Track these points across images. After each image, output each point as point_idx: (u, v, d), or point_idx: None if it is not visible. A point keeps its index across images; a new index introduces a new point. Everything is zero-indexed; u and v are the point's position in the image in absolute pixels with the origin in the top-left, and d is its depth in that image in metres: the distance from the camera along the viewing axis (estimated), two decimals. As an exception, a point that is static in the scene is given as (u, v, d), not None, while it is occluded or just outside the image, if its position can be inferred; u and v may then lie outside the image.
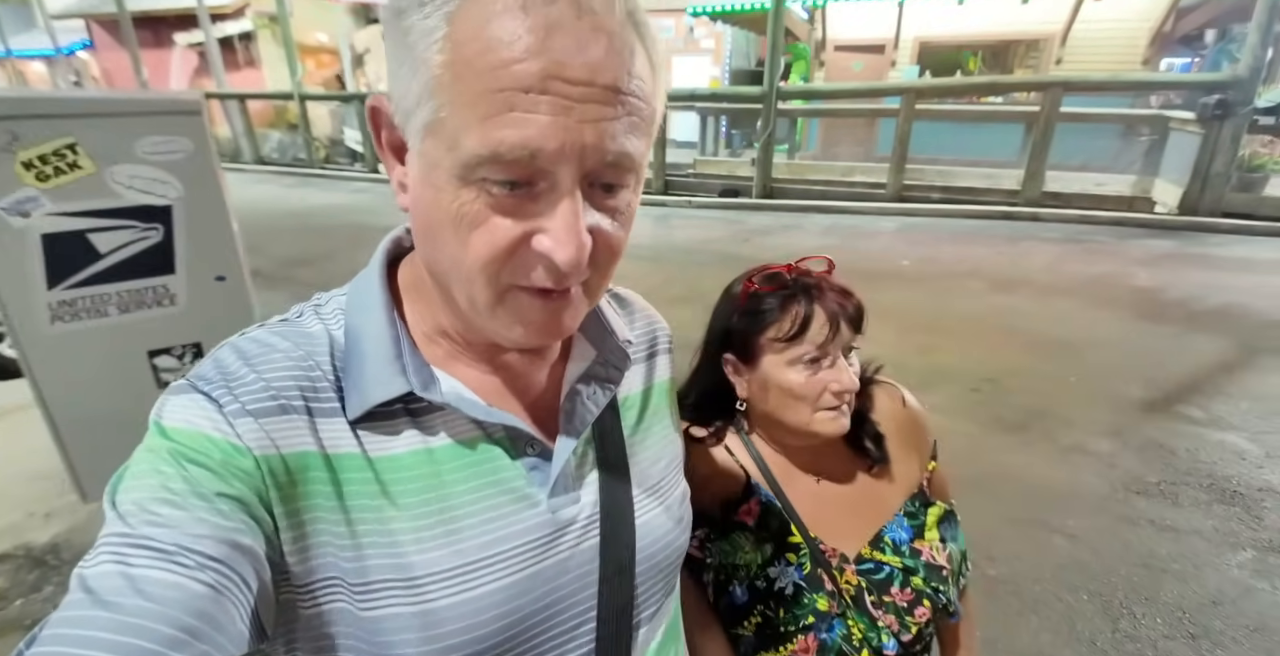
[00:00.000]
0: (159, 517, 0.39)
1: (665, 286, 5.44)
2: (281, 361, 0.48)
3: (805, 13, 12.45)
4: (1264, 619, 2.07)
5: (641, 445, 0.63)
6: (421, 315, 0.54)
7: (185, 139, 1.66)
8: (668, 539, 0.61)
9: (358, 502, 0.47)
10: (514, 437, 0.53)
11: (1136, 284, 5.46)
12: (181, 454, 0.42)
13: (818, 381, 0.80)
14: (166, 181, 1.67)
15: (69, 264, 1.66)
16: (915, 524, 0.88)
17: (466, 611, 0.47)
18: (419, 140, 0.43)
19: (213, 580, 0.38)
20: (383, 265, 0.55)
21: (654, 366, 0.69)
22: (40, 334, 1.69)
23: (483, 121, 0.39)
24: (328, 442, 0.47)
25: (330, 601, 0.46)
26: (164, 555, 0.38)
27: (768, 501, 0.86)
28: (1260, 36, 6.87)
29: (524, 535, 0.51)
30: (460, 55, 0.39)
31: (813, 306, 0.80)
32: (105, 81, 19.71)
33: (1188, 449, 3.02)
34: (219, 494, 0.41)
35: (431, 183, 0.43)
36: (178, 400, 0.45)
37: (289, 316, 0.54)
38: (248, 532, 0.41)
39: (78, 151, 1.57)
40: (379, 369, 0.49)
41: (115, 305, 1.76)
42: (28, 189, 1.56)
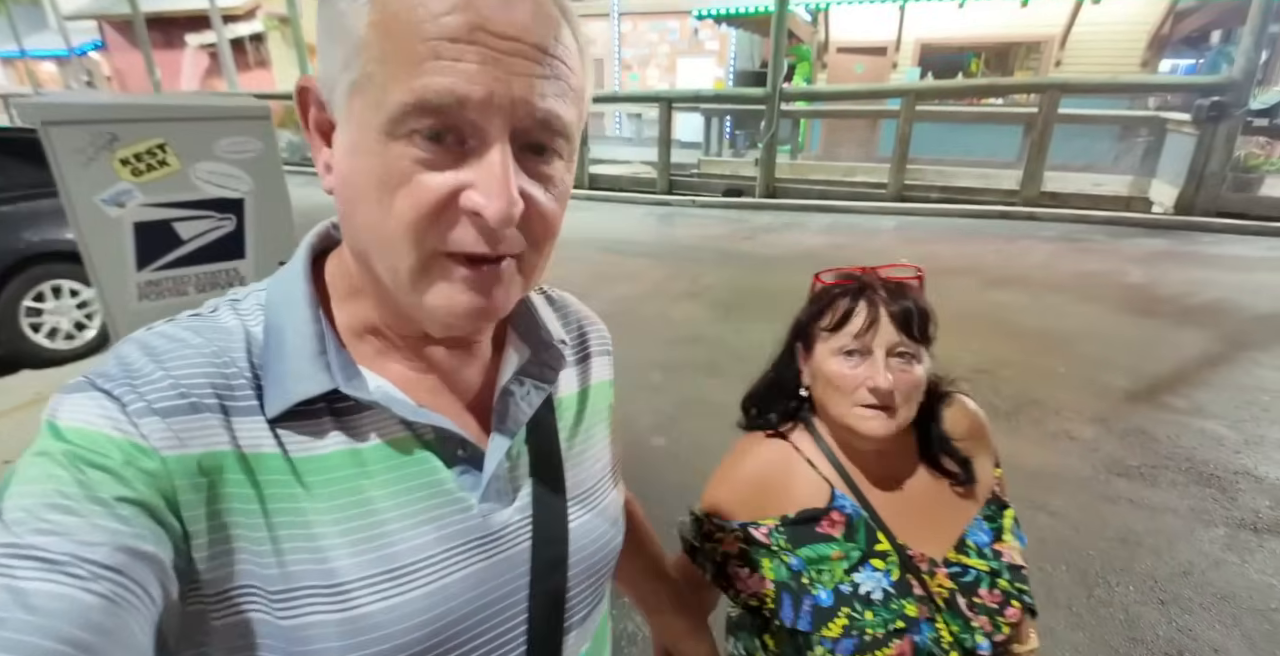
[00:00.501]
0: (50, 525, 0.36)
1: (669, 282, 5.60)
2: (193, 357, 0.44)
3: (808, 15, 12.59)
4: (1231, 588, 2.21)
5: (578, 447, 0.61)
6: (349, 311, 0.51)
7: (256, 140, 1.88)
8: (601, 542, 0.59)
9: (278, 506, 0.44)
10: (444, 439, 0.51)
11: (1129, 281, 5.61)
12: (78, 456, 0.39)
13: (855, 375, 0.81)
14: (240, 177, 1.89)
15: (156, 248, 1.87)
16: (994, 527, 0.90)
17: (394, 617, 0.45)
18: (345, 104, 0.42)
19: (108, 591, 0.35)
20: (307, 260, 0.52)
21: (589, 368, 0.67)
22: (129, 310, 1.90)
23: (409, 71, 0.38)
24: (244, 442, 0.44)
25: (246, 610, 0.43)
26: (53, 565, 0.35)
27: (854, 512, 0.86)
28: (1254, 40, 7.01)
29: (453, 539, 0.49)
30: (387, 13, 0.39)
31: (859, 301, 0.83)
32: (117, 82, 19.93)
33: (1169, 435, 3.16)
34: (119, 498, 0.38)
35: (359, 146, 0.41)
36: (75, 399, 0.41)
37: (201, 311, 0.50)
38: (151, 539, 0.38)
39: (167, 150, 1.78)
40: (301, 365, 0.46)
41: (193, 285, 1.97)
42: (124, 183, 1.77)
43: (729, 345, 4.26)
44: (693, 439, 3.14)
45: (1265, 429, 3.20)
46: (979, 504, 0.90)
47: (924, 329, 0.83)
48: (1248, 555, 2.35)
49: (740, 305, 5.04)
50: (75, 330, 4.17)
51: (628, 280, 5.65)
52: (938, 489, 0.90)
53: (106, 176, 1.73)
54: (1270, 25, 7.19)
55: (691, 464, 2.91)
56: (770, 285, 5.57)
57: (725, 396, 3.92)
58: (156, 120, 1.76)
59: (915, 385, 0.82)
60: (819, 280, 0.91)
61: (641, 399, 3.49)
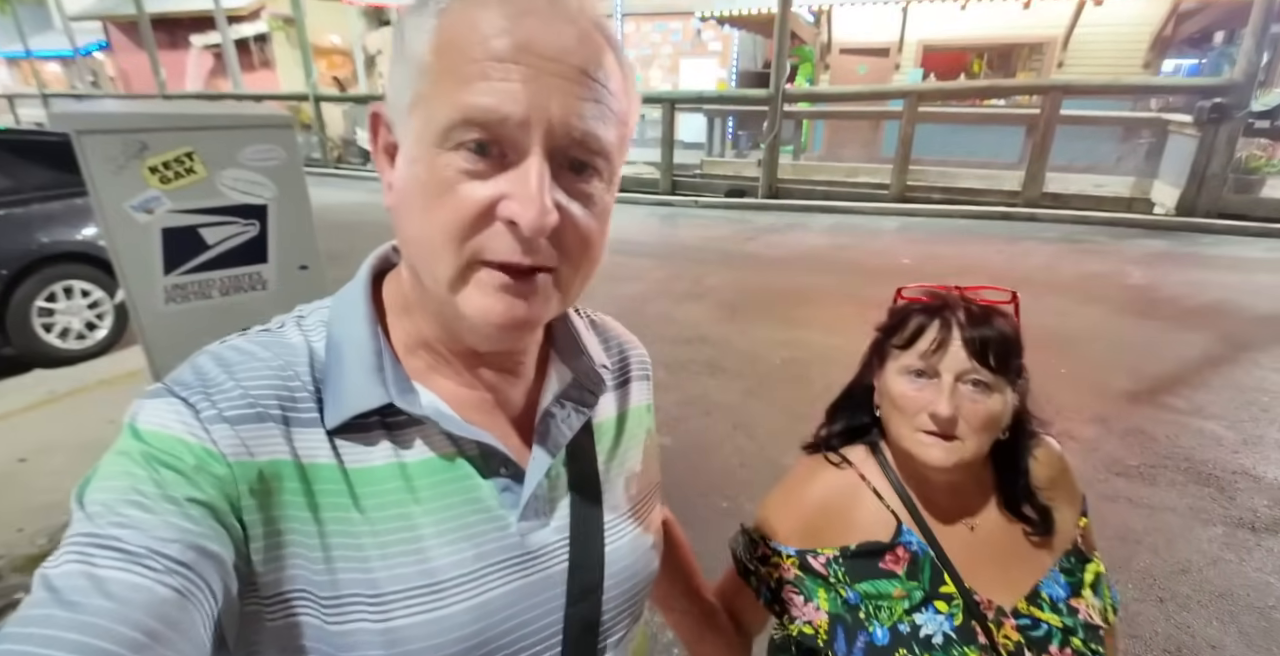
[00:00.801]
0: (127, 519, 0.39)
1: (672, 282, 5.64)
2: (261, 370, 0.47)
3: (811, 16, 12.62)
4: (1229, 586, 2.24)
5: (616, 470, 0.62)
6: (403, 327, 0.53)
7: (279, 148, 1.95)
8: (638, 566, 0.60)
9: (330, 515, 0.46)
10: (487, 456, 0.53)
11: (1130, 282, 5.64)
12: (154, 457, 0.42)
13: (918, 397, 0.78)
14: (264, 184, 1.96)
15: (183, 253, 1.93)
16: (1072, 581, 0.83)
17: (431, 631, 0.47)
18: (407, 123, 0.45)
19: (179, 585, 0.38)
20: (368, 279, 0.55)
21: (628, 392, 0.68)
22: (156, 312, 1.96)
23: (459, 88, 0.41)
24: (303, 453, 0.46)
25: (298, 614, 0.45)
26: (131, 557, 0.37)
27: (920, 550, 0.82)
28: (1255, 42, 7.03)
29: (492, 556, 0.51)
30: (445, 38, 0.42)
31: (933, 320, 0.79)
32: (122, 82, 20.00)
33: (1168, 435, 3.20)
34: (189, 499, 0.41)
35: (414, 158, 0.44)
36: (154, 404, 0.45)
37: (270, 327, 0.53)
38: (215, 539, 0.41)
39: (194, 159, 1.85)
40: (360, 379, 0.48)
41: (218, 289, 2.04)
42: (152, 190, 1.83)
43: (732, 345, 4.29)
44: (697, 438, 3.18)
45: (1264, 429, 3.24)
46: (1057, 554, 0.84)
47: (1003, 359, 0.77)
48: (1245, 553, 2.39)
49: (743, 306, 5.08)
50: (86, 330, 4.23)
51: (631, 280, 5.68)
52: (1013, 533, 0.84)
53: (136, 184, 1.79)
54: (1271, 27, 7.21)
55: (696, 463, 2.95)
56: (773, 286, 5.61)
57: (729, 396, 3.96)
58: (185, 129, 1.82)
59: (986, 418, 0.76)
60: (900, 295, 0.86)
61: (647, 399, 3.53)
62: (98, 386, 3.85)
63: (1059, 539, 0.84)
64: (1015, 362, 0.79)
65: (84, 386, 3.85)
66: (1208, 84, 7.76)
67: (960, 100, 10.21)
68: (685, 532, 0.90)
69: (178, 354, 1.82)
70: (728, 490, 2.68)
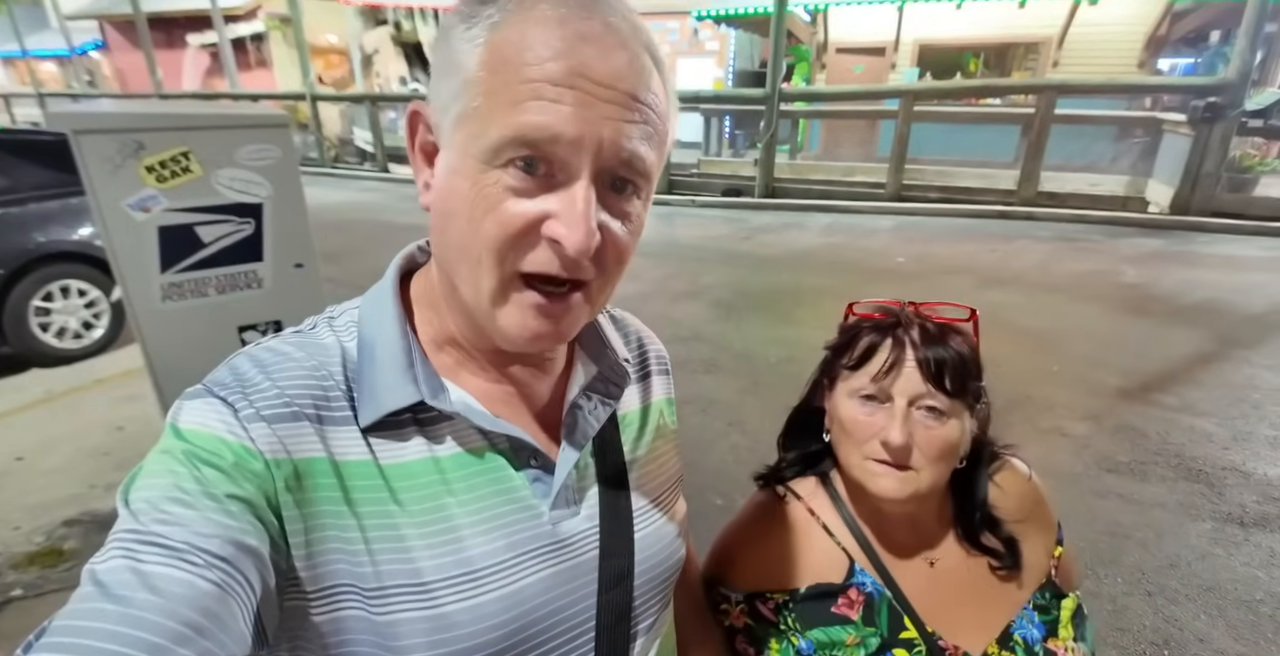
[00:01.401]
0: (170, 516, 0.40)
1: (669, 281, 5.66)
2: (295, 370, 0.49)
3: (807, 16, 12.64)
4: (1217, 580, 2.26)
5: (641, 461, 0.64)
6: (432, 325, 0.55)
7: (275, 147, 1.97)
8: (666, 553, 0.62)
9: (368, 509, 0.48)
10: (517, 449, 0.54)
11: (1123, 280, 5.67)
12: (195, 455, 0.43)
13: (868, 423, 0.72)
14: (259, 183, 1.97)
15: (179, 251, 1.95)
16: (1047, 619, 0.77)
17: (473, 617, 0.48)
18: (451, 134, 0.46)
19: (219, 579, 0.39)
20: (396, 279, 0.57)
21: (650, 386, 0.70)
22: (152, 310, 1.98)
23: (511, 107, 0.42)
24: (337, 450, 0.48)
25: (344, 608, 0.46)
26: (174, 552, 0.39)
27: (875, 591, 0.75)
28: (1249, 41, 7.06)
29: (526, 544, 0.52)
30: (498, 55, 0.43)
31: (884, 340, 0.73)
32: (118, 82, 19.96)
33: (1159, 432, 3.22)
34: (229, 495, 0.42)
35: (458, 170, 0.45)
36: (194, 404, 0.46)
37: (302, 328, 0.55)
38: (254, 534, 0.42)
39: (190, 158, 1.86)
40: (392, 377, 0.50)
41: (214, 287, 2.05)
42: (149, 189, 1.84)
43: (729, 344, 4.32)
44: (692, 436, 3.20)
45: (1254, 426, 3.26)
46: (1029, 589, 0.77)
47: (960, 382, 0.70)
48: (1234, 548, 2.41)
49: (740, 305, 5.10)
50: (83, 329, 4.23)
51: (629, 279, 5.57)
52: (978, 569, 0.77)
53: (133, 183, 1.81)
54: (1265, 26, 7.25)
55: (692, 460, 2.96)
56: (770, 285, 5.63)
57: (725, 394, 3.98)
58: (181, 129, 1.84)
59: (942, 445, 0.70)
60: (851, 310, 0.81)
61: (642, 397, 3.54)
62: (94, 385, 3.86)
63: (1030, 572, 0.78)
64: (974, 385, 0.72)
65: (81, 385, 3.86)
66: (1202, 83, 7.79)
67: (956, 99, 10.24)
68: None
69: (175, 351, 1.84)
70: (722, 487, 2.70)
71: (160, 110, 1.92)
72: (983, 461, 0.78)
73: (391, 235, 1.18)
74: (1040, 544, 0.80)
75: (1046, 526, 0.81)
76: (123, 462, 2.85)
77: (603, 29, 0.43)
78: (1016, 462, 0.83)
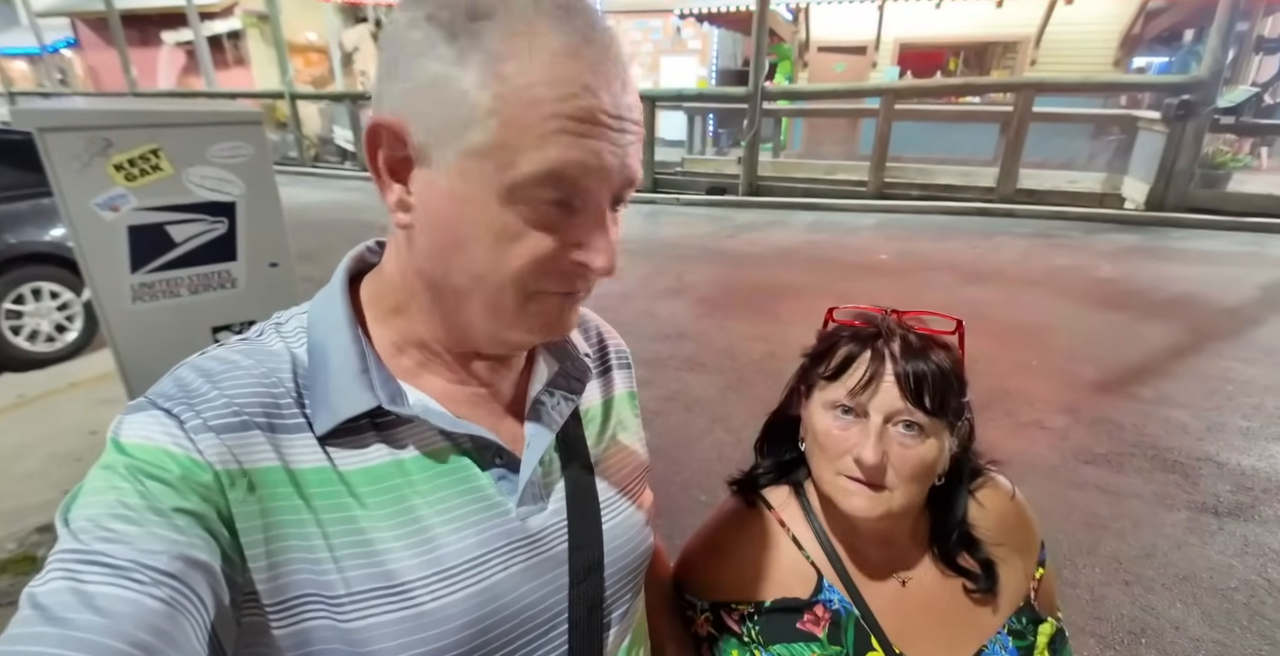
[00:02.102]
0: (114, 533, 0.39)
1: (654, 279, 5.66)
2: (244, 378, 0.48)
3: (789, 14, 12.70)
4: (1193, 569, 2.31)
5: (606, 454, 0.65)
6: (391, 329, 0.54)
7: (248, 145, 1.93)
8: (634, 542, 0.63)
9: (330, 515, 0.47)
10: (481, 447, 0.54)
11: (1100, 275, 5.76)
12: (139, 469, 0.42)
13: (842, 437, 0.69)
14: (232, 181, 1.93)
15: (150, 251, 1.91)
16: (1022, 645, 0.74)
17: (447, 615, 0.48)
18: (454, 160, 0.45)
19: (167, 596, 0.38)
20: (345, 282, 0.55)
21: (611, 379, 0.71)
22: (123, 311, 1.94)
23: (540, 143, 0.43)
24: (291, 458, 0.47)
25: (308, 619, 0.45)
26: (118, 571, 0.37)
27: (843, 609, 0.73)
28: (1221, 40, 7.19)
29: (495, 541, 0.52)
30: (514, 90, 0.42)
31: (863, 351, 0.69)
32: (91, 80, 19.59)
33: (1135, 424, 3.28)
34: (176, 509, 0.41)
35: (468, 199, 0.45)
36: (137, 418, 0.45)
37: (249, 335, 0.54)
38: (204, 548, 0.41)
39: (160, 155, 1.82)
40: (346, 384, 0.49)
41: (186, 287, 2.01)
42: (118, 187, 1.80)
43: (712, 341, 4.33)
44: (677, 434, 3.20)
45: (1227, 417, 3.33)
46: (1005, 613, 0.74)
47: (940, 399, 0.67)
48: (1208, 537, 2.46)
49: (724, 302, 5.12)
50: (56, 332, 4.15)
51: (616, 278, 5.68)
52: (952, 590, 0.74)
53: (101, 181, 1.77)
54: (1237, 25, 7.38)
55: (676, 458, 2.97)
56: (753, 282, 5.65)
57: (709, 391, 3.99)
58: (150, 126, 1.80)
59: (917, 465, 0.67)
60: (831, 316, 0.77)
61: (627, 395, 3.55)
62: (68, 389, 3.79)
63: (1008, 594, 0.74)
64: (955, 402, 0.68)
65: (54, 389, 3.78)
66: (1175, 81, 7.92)
67: (936, 98, 10.33)
68: (664, 524, 0.88)
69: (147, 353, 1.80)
70: (706, 483, 2.71)
71: (129, 107, 1.89)
72: (963, 478, 0.75)
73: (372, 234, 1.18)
74: (1020, 565, 0.77)
75: (1029, 547, 0.78)
76: (98, 467, 2.80)
77: (606, 55, 0.45)
78: (1000, 479, 0.80)
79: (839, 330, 0.74)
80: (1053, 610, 0.79)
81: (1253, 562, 2.32)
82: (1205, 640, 2.00)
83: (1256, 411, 3.38)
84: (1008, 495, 0.79)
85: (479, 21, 0.43)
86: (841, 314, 0.76)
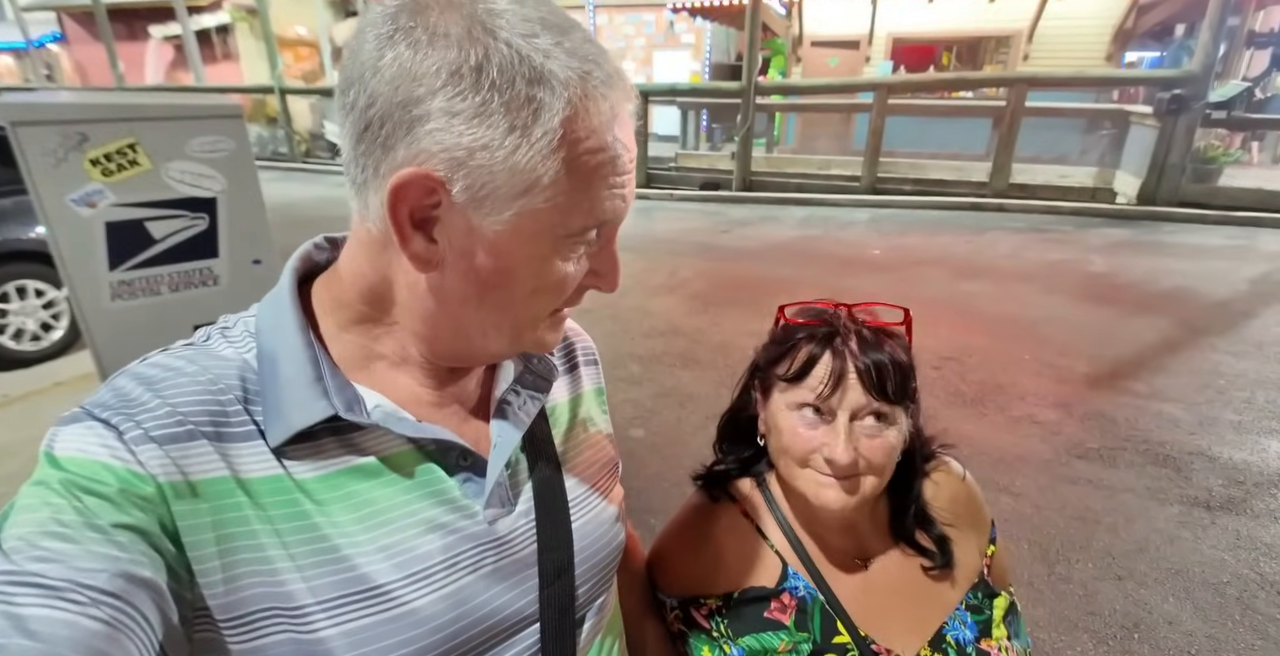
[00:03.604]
0: (48, 552, 0.37)
1: (648, 275, 5.64)
2: (188, 386, 0.46)
3: (782, 9, 12.65)
4: (1185, 563, 2.31)
5: (573, 451, 0.64)
6: (350, 340, 0.52)
7: (229, 139, 1.88)
8: (605, 540, 0.62)
9: (288, 525, 0.45)
10: (446, 450, 0.53)
11: (1092, 269, 5.77)
12: (75, 484, 0.40)
13: (809, 437, 0.69)
14: (212, 176, 1.89)
15: (128, 248, 1.86)
16: (980, 619, 0.76)
17: (420, 618, 0.47)
18: (509, 218, 0.44)
19: (108, 616, 0.36)
20: (293, 285, 0.52)
21: (578, 376, 0.70)
22: (101, 310, 1.89)
23: (593, 201, 0.46)
24: (243, 468, 0.45)
25: (268, 633, 0.44)
26: (52, 592, 0.35)
27: (809, 595, 0.74)
28: (1212, 34, 7.20)
29: (463, 544, 0.51)
30: (578, 157, 0.44)
31: (824, 351, 0.70)
32: (78, 75, 19.37)
33: (1127, 418, 3.28)
34: (116, 524, 0.39)
35: (517, 250, 0.46)
36: (71, 429, 0.42)
37: (194, 340, 0.52)
38: (148, 565, 0.39)
39: (137, 150, 1.78)
40: (300, 392, 0.47)
41: (167, 285, 1.97)
42: (94, 183, 1.76)
43: (706, 337, 4.31)
44: (671, 430, 3.19)
45: (1219, 411, 3.34)
46: (962, 589, 0.77)
47: (901, 387, 0.69)
48: (1201, 531, 2.46)
49: (717, 298, 5.10)
50: (41, 331, 4.10)
51: (605, 274, 5.66)
52: (911, 570, 0.77)
53: (77, 177, 1.73)
54: (1228, 19, 7.39)
55: (670, 455, 2.95)
56: (747, 278, 5.64)
57: (703, 387, 3.98)
58: (127, 120, 1.75)
59: (887, 453, 0.69)
60: (782, 314, 0.77)
61: (620, 391, 3.53)
62: (54, 388, 3.74)
63: (963, 572, 0.77)
64: (911, 387, 0.71)
65: (39, 389, 3.74)
66: (1167, 76, 7.93)
67: (929, 93, 10.33)
68: (658, 521, 0.88)
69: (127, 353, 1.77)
70: (700, 480, 2.70)
71: (105, 100, 1.84)
72: (915, 458, 0.77)
73: None
74: (973, 543, 0.79)
75: (980, 525, 0.81)
76: (83, 467, 2.76)
77: (627, 97, 0.47)
78: (952, 463, 0.82)
79: (793, 330, 0.74)
80: (1005, 584, 0.82)
81: (1245, 557, 2.33)
82: (1198, 634, 2.01)
83: (1248, 405, 3.39)
84: (959, 477, 0.82)
85: (534, 87, 0.41)
86: (793, 312, 0.76)
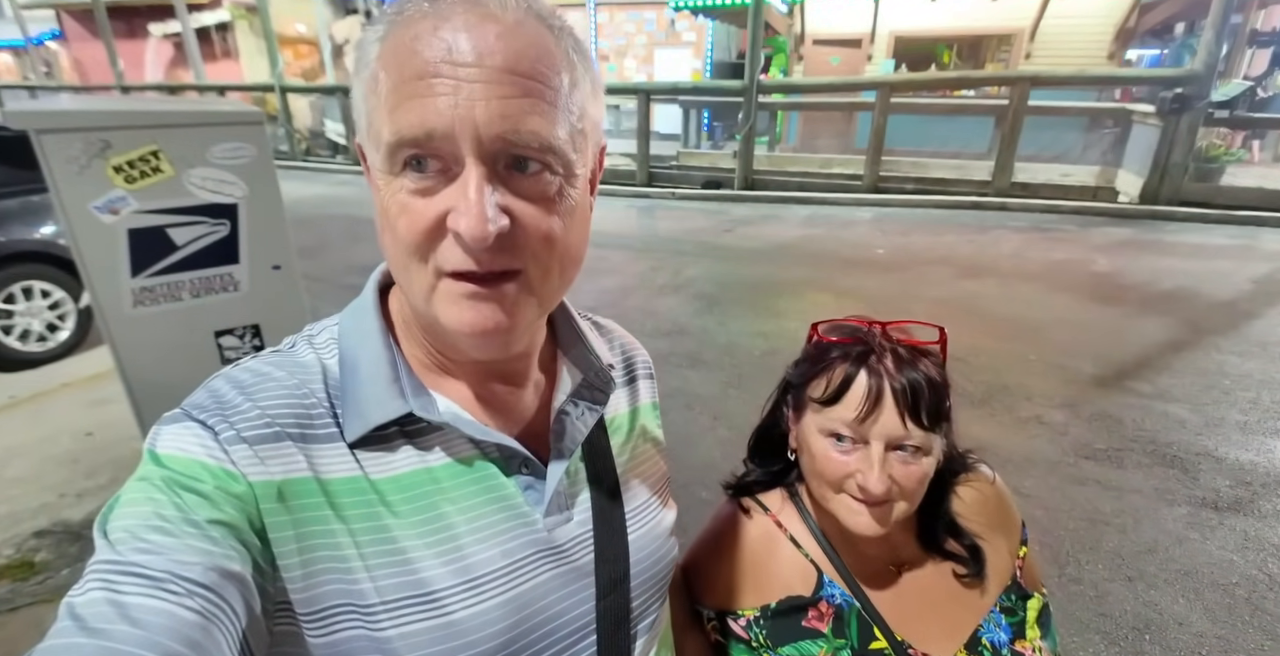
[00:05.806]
0: (150, 545, 0.39)
1: (651, 275, 5.64)
2: (276, 390, 0.49)
3: (784, 7, 12.62)
4: (1194, 564, 2.32)
5: (630, 464, 0.64)
6: (413, 340, 0.55)
7: (250, 145, 1.90)
8: (660, 554, 0.63)
9: (361, 525, 0.47)
10: (508, 457, 0.54)
11: (1096, 269, 5.77)
12: (175, 481, 0.42)
13: (842, 463, 0.69)
14: (234, 182, 1.90)
15: (150, 255, 1.88)
16: (1014, 621, 0.76)
17: (477, 624, 0.48)
18: (370, 154, 0.46)
19: (201, 607, 0.38)
20: (375, 292, 0.56)
21: (636, 390, 0.71)
22: (123, 316, 1.90)
23: (392, 112, 0.42)
24: (322, 468, 0.47)
25: (342, 628, 0.46)
26: (153, 582, 0.38)
27: (845, 603, 0.75)
28: (1215, 33, 7.19)
29: (522, 550, 0.52)
30: (385, 64, 0.43)
31: (859, 370, 0.69)
32: (78, 73, 19.32)
33: (1134, 419, 3.29)
34: (211, 520, 0.41)
35: (374, 186, 0.46)
36: (172, 429, 0.46)
37: (281, 348, 0.55)
38: (238, 559, 0.41)
39: (160, 157, 1.78)
40: (377, 391, 0.50)
41: (188, 291, 1.98)
42: (117, 190, 1.77)
43: (712, 337, 4.31)
44: (677, 430, 3.19)
45: (1225, 411, 3.34)
46: (995, 593, 0.77)
47: (936, 409, 0.68)
48: (1209, 532, 2.47)
49: (722, 297, 5.10)
50: (48, 332, 4.10)
51: (610, 274, 5.67)
52: (944, 575, 0.77)
53: (100, 184, 1.74)
54: (1231, 18, 7.38)
55: (678, 455, 2.95)
56: (751, 277, 5.64)
57: (709, 388, 3.98)
58: (150, 127, 1.76)
59: (920, 480, 0.69)
60: (815, 331, 0.76)
61: (627, 392, 3.53)
62: (61, 390, 3.74)
63: (995, 575, 0.77)
64: (945, 406, 0.70)
65: (46, 390, 3.73)
66: (1169, 75, 7.92)
67: (931, 91, 10.32)
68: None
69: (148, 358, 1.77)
70: (709, 481, 2.69)
71: (127, 108, 1.85)
72: (947, 470, 0.77)
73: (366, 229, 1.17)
74: (1005, 546, 0.80)
75: (1011, 528, 0.81)
76: (92, 470, 2.76)
77: (465, 6, 0.42)
78: (981, 467, 0.83)
79: (828, 348, 0.73)
80: (1037, 586, 0.81)
81: (1253, 557, 2.34)
82: (1209, 635, 2.02)
83: (1253, 405, 3.40)
84: (989, 481, 0.82)
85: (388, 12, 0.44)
86: (827, 329, 0.75)
